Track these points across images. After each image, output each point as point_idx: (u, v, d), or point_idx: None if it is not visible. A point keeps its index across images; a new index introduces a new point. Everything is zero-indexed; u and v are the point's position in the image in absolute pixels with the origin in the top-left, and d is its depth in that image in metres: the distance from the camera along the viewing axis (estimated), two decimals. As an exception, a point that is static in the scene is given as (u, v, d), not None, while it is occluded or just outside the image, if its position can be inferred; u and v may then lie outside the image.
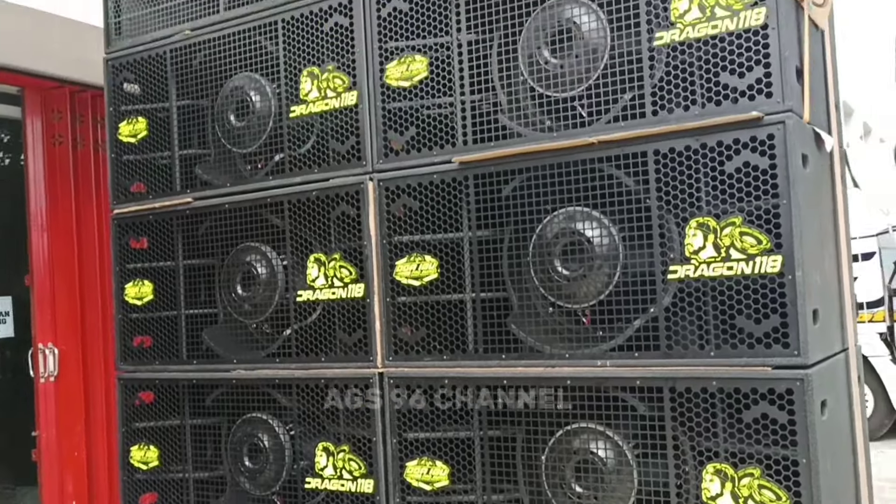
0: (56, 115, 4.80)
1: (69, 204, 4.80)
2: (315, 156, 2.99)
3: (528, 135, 2.56)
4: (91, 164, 4.87)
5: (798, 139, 2.18)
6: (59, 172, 4.79)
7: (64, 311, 4.77)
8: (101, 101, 4.96)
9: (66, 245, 4.81)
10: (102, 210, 4.82)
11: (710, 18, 2.25)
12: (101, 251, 4.82)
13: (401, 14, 2.78)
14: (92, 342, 4.84)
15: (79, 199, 4.84)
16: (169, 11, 3.32)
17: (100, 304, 4.84)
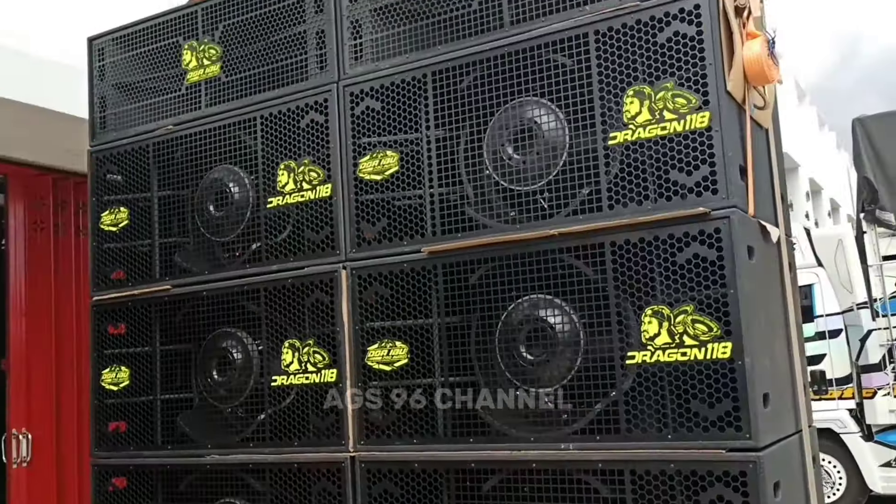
0: (38, 202, 4.91)
1: (48, 290, 4.87)
2: (291, 245, 3.11)
3: (494, 226, 2.70)
4: (72, 250, 4.96)
5: (743, 232, 2.33)
6: (39, 258, 4.87)
7: (39, 396, 4.78)
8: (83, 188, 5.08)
9: (43, 330, 4.85)
10: (81, 296, 4.89)
11: (660, 120, 2.43)
12: (78, 337, 4.86)
13: (373, 112, 2.95)
14: (66, 428, 4.84)
15: (58, 284, 4.91)
16: (152, 107, 3.47)
17: (75, 389, 4.86)
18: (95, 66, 3.63)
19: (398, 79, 2.89)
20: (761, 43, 2.45)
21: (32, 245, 4.87)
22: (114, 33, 3.59)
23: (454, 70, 2.80)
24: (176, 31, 3.42)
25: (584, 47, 2.58)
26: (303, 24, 3.13)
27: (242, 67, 3.26)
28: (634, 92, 2.47)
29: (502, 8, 2.73)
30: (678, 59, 2.43)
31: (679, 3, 2.43)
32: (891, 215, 7.71)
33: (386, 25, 2.98)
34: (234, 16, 3.28)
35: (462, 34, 2.80)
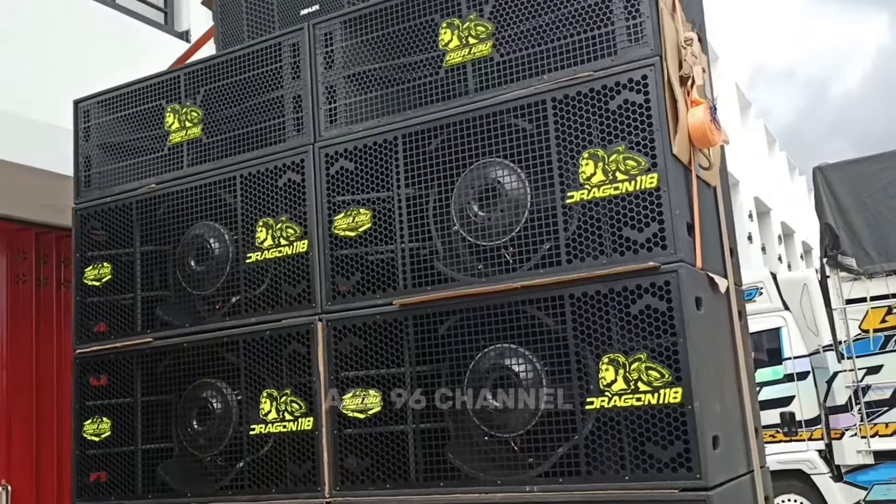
0: (20, 256, 5.02)
1: (30, 341, 4.95)
2: (269, 298, 3.25)
3: (461, 279, 2.86)
4: (53, 302, 5.06)
5: (691, 284, 2.51)
6: (21, 311, 4.96)
7: (19, 448, 4.84)
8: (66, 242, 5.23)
9: (24, 382, 4.93)
10: (62, 347, 4.98)
11: (612, 181, 2.61)
12: (58, 388, 4.94)
13: (347, 172, 3.12)
14: (46, 479, 4.89)
15: (39, 336, 5.00)
16: (136, 167, 3.63)
17: (55, 440, 4.92)
18: (81, 128, 3.79)
19: (371, 141, 3.07)
20: (704, 109, 2.66)
21: (14, 298, 4.97)
22: (99, 96, 3.75)
23: (423, 133, 2.98)
24: (159, 94, 3.59)
25: (542, 113, 2.77)
26: (280, 89, 3.31)
27: (223, 129, 3.43)
28: (589, 154, 2.66)
29: (467, 76, 2.93)
30: (628, 124, 2.63)
31: (628, 74, 2.64)
32: (852, 260, 7.96)
33: (359, 91, 3.17)
34: (214, 80, 3.45)
35: (430, 100, 2.99)
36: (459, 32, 2.95)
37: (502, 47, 2.89)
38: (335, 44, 3.21)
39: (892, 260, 7.86)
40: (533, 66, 2.82)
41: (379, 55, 3.16)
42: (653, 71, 2.61)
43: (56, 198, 4.89)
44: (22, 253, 5.05)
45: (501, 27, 2.90)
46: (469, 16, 2.94)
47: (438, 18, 3.00)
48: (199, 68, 3.49)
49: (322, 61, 3.22)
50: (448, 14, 2.99)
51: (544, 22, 2.84)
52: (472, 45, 2.92)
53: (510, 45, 2.89)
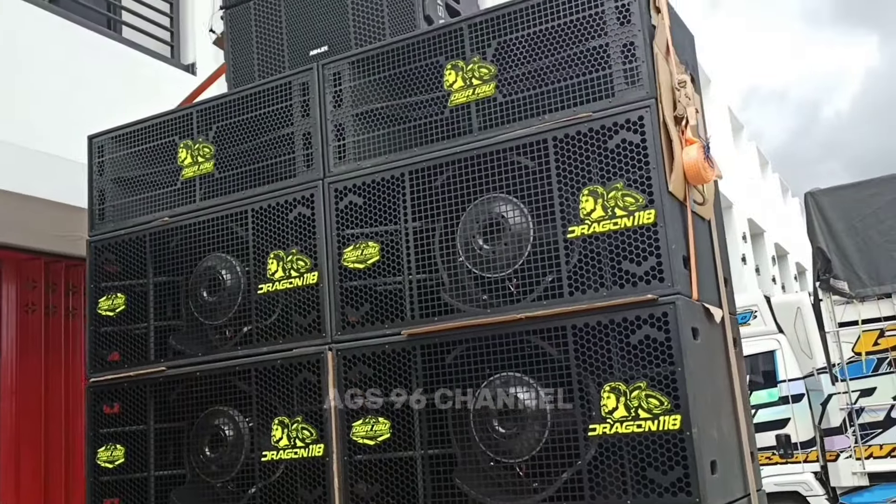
0: (30, 284, 5.12)
1: (39, 369, 5.04)
2: (279, 328, 3.36)
3: (467, 310, 2.97)
4: (62, 330, 5.16)
5: (688, 315, 2.63)
6: (30, 339, 5.06)
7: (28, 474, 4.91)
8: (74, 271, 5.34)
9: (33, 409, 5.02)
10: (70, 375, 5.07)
11: (612, 217, 2.74)
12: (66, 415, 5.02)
13: (356, 206, 3.24)
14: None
15: (48, 364, 5.09)
16: (149, 200, 3.74)
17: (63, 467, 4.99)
18: (95, 162, 3.91)
19: (378, 177, 3.20)
20: (698, 148, 2.79)
21: (24, 326, 5.07)
22: (113, 132, 3.88)
23: (429, 169, 3.11)
24: (172, 130, 3.72)
25: (544, 151, 2.91)
26: (290, 126, 3.44)
27: (234, 164, 3.55)
28: (589, 191, 2.79)
29: (471, 115, 3.06)
30: (626, 162, 2.76)
31: (625, 115, 2.77)
32: (844, 283, 8.10)
33: (367, 129, 3.30)
34: (226, 118, 3.58)
35: (436, 138, 3.12)
36: (463, 74, 3.09)
37: (505, 88, 3.03)
38: (344, 83, 3.35)
39: (883, 284, 8.01)
40: (534, 106, 2.95)
41: (386, 94, 3.29)
42: (649, 112, 2.74)
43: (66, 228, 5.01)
44: (31, 282, 5.15)
45: (504, 69, 3.04)
46: (473, 58, 3.08)
47: (443, 60, 3.14)
48: (212, 106, 3.62)
49: (331, 100, 3.36)
50: (452, 56, 3.12)
51: (545, 65, 2.98)
52: (476, 86, 3.06)
53: (512, 86, 3.03)
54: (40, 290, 5.13)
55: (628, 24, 2.81)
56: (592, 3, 2.88)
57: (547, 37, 2.96)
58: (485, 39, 3.07)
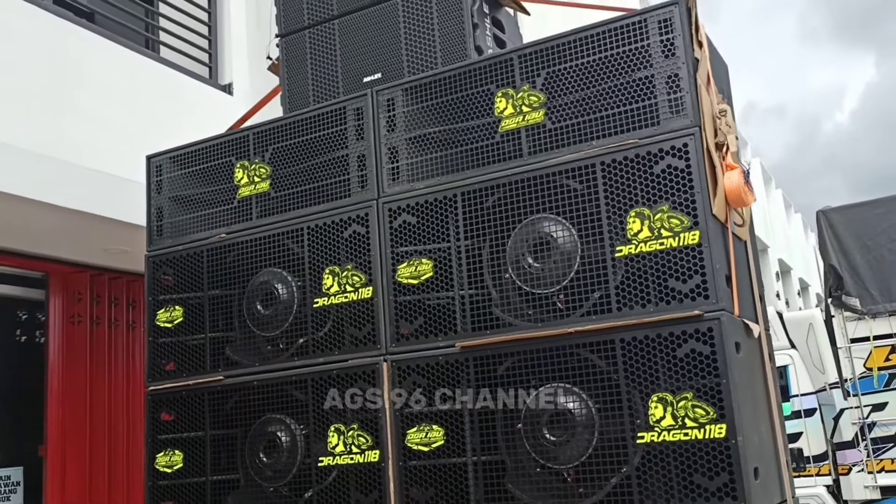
0: (76, 297, 5.30)
1: (84, 379, 5.22)
2: (333, 339, 3.53)
3: (518, 324, 3.15)
4: (105, 340, 5.33)
5: (731, 331, 2.81)
6: (76, 349, 5.23)
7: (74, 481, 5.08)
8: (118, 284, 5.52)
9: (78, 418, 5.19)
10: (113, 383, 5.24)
11: (658, 237, 2.92)
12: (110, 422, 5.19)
13: (409, 225, 3.43)
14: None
15: (93, 374, 5.26)
16: (206, 218, 3.93)
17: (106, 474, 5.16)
18: (153, 181, 4.10)
19: (431, 197, 3.39)
20: (738, 173, 2.98)
21: (69, 337, 5.25)
22: (171, 153, 4.07)
23: (480, 191, 3.30)
24: (229, 151, 3.91)
25: (592, 175, 3.09)
26: (345, 148, 3.63)
27: (290, 184, 3.74)
28: (636, 213, 2.97)
29: (521, 140, 3.25)
30: (671, 186, 2.94)
31: (670, 142, 2.96)
32: (856, 300, 8.28)
33: (420, 152, 3.49)
34: (283, 140, 3.77)
35: (487, 161, 3.31)
36: (514, 101, 3.28)
37: (554, 115, 3.22)
38: (397, 109, 3.54)
39: (894, 301, 8.18)
40: (582, 132, 3.14)
41: (438, 119, 3.48)
42: (693, 140, 2.93)
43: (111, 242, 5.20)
44: (77, 294, 5.33)
45: (553, 97, 3.23)
46: (523, 87, 3.27)
47: (494, 88, 3.33)
48: (268, 129, 3.81)
49: (385, 124, 3.55)
50: (503, 85, 3.32)
51: (592, 93, 3.17)
52: (526, 113, 3.25)
53: (561, 114, 3.21)
54: (85, 302, 5.31)
55: (673, 57, 3.01)
56: (638, 36, 3.08)
57: (594, 67, 3.15)
58: (534, 69, 3.26)
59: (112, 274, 5.48)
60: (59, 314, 5.23)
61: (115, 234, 5.06)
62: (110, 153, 5.24)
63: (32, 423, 5.20)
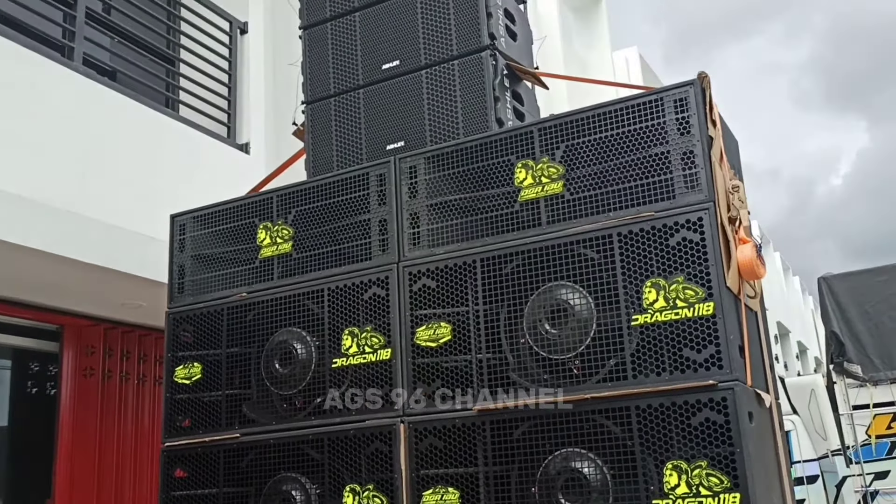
0: (89, 350, 5.36)
1: (94, 432, 5.24)
2: (352, 399, 3.59)
3: (534, 389, 3.22)
4: (116, 394, 5.37)
5: (745, 400, 2.88)
6: (87, 403, 5.27)
7: (81, 534, 5.07)
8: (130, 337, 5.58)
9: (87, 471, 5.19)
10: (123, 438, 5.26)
11: (673, 307, 3.02)
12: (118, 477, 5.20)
13: (429, 289, 3.52)
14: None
15: (103, 428, 5.29)
16: (228, 276, 4.02)
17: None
18: (176, 239, 4.20)
19: (451, 262, 3.48)
20: (751, 247, 3.09)
21: (81, 390, 5.29)
22: (195, 212, 4.18)
23: (499, 258, 3.40)
24: (253, 212, 4.02)
25: (609, 245, 3.20)
26: (367, 213, 3.74)
27: (312, 246, 3.84)
28: (652, 283, 3.07)
29: (540, 210, 3.37)
30: (687, 258, 3.05)
31: (685, 216, 3.07)
32: (858, 367, 8.34)
33: (441, 218, 3.60)
34: (306, 203, 3.89)
35: (506, 229, 3.42)
36: (533, 172, 3.40)
37: (572, 186, 3.34)
38: (419, 176, 3.66)
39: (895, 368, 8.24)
40: (600, 204, 3.26)
41: (459, 187, 3.60)
42: (707, 214, 3.04)
43: (128, 297, 5.28)
44: (90, 347, 5.39)
45: (571, 169, 3.35)
46: (542, 158, 3.40)
47: (514, 159, 3.46)
48: (292, 191, 3.93)
49: (406, 191, 3.66)
50: (523, 156, 3.44)
51: (610, 167, 3.30)
52: (545, 184, 3.37)
53: (579, 185, 3.33)
54: (98, 355, 5.36)
55: (688, 135, 3.14)
56: (655, 114, 3.21)
57: (612, 142, 3.28)
58: (554, 142, 3.40)
59: (125, 328, 5.55)
60: (72, 367, 5.28)
61: (134, 289, 5.14)
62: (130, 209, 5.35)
63: (40, 476, 5.21)
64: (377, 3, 4.22)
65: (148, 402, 5.60)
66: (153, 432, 5.49)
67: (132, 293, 5.19)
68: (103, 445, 5.25)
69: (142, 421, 5.54)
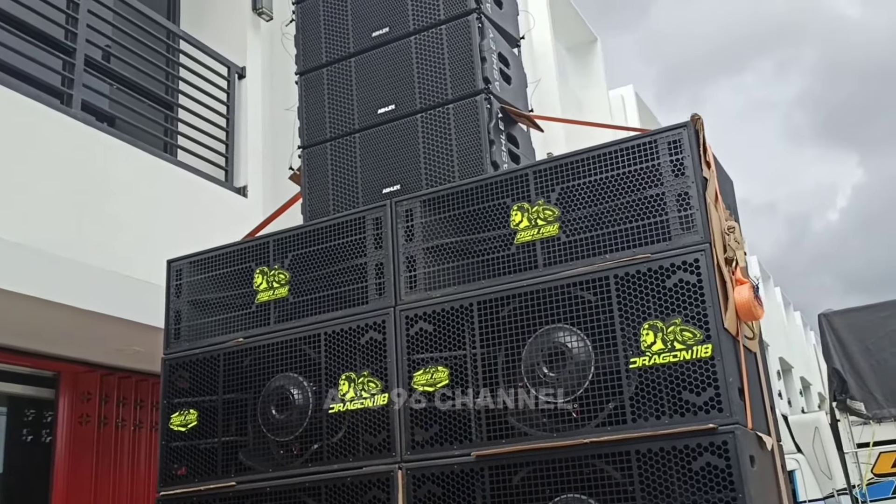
0: (85, 396, 5.31)
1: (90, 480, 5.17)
2: (347, 445, 3.55)
3: (533, 434, 3.19)
4: (112, 441, 5.31)
5: (746, 444, 2.85)
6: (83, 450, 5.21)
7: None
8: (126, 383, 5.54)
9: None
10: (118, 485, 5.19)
11: (671, 350, 3.00)
12: (114, 525, 5.12)
13: (426, 333, 3.50)
14: None
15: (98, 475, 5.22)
16: (224, 322, 4.00)
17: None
18: (173, 285, 4.19)
19: (448, 306, 3.47)
20: (748, 288, 3.08)
21: (77, 438, 5.23)
22: (192, 257, 4.17)
23: (496, 301, 3.38)
24: (249, 257, 4.01)
25: (605, 287, 3.18)
26: (364, 257, 3.73)
27: (309, 290, 3.83)
28: (649, 325, 3.05)
29: (536, 252, 3.36)
30: (684, 300, 3.03)
31: (682, 257, 3.07)
32: (861, 404, 8.28)
33: (437, 261, 3.59)
34: (302, 247, 3.88)
35: (503, 272, 3.41)
36: (529, 215, 3.40)
37: (568, 229, 3.34)
38: (415, 219, 3.66)
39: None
40: (596, 246, 3.25)
41: (455, 230, 3.60)
42: (704, 255, 3.04)
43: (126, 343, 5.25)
44: (87, 393, 5.34)
45: (567, 211, 3.35)
46: (538, 201, 3.40)
47: (510, 202, 3.46)
48: (289, 236, 3.93)
49: (403, 234, 3.66)
50: (519, 199, 3.45)
51: (605, 209, 3.30)
52: (541, 226, 3.37)
53: (575, 227, 3.33)
54: (94, 401, 5.32)
55: (683, 176, 3.15)
56: (649, 156, 3.23)
57: (607, 184, 3.29)
58: (549, 184, 3.40)
59: (122, 373, 5.51)
60: (68, 414, 5.23)
61: (130, 334, 5.12)
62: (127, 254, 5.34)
63: (35, 525, 5.14)
64: (372, 49, 4.26)
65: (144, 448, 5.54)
66: (149, 480, 5.42)
67: (129, 339, 5.16)
68: (98, 493, 5.18)
69: (138, 468, 5.47)
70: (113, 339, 5.20)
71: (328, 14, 4.47)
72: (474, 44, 4.00)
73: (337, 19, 4.42)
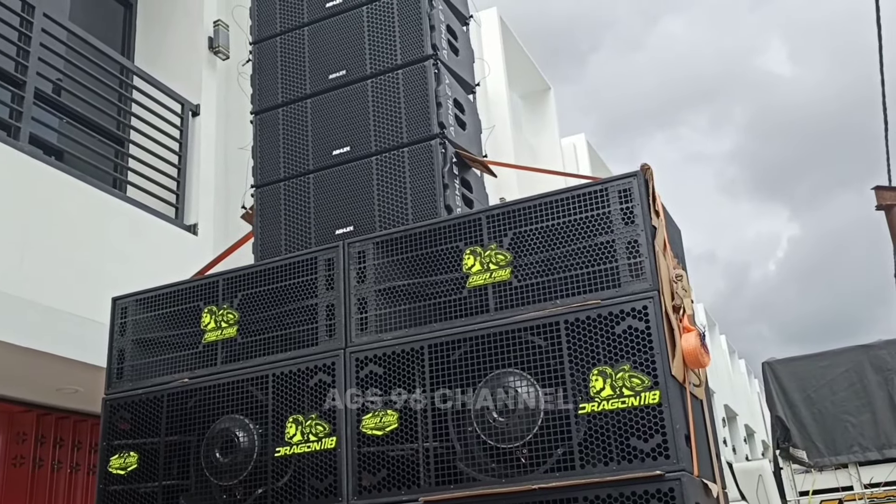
0: (20, 437, 5.13)
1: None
2: (293, 491, 3.48)
3: (482, 479, 3.16)
4: (47, 484, 5.12)
5: (692, 491, 2.87)
6: (16, 494, 5.01)
7: None
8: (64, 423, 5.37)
9: (12, 567, 4.90)
10: (52, 530, 5.00)
11: (619, 396, 3.02)
12: (45, 572, 4.92)
13: (376, 376, 3.47)
14: None
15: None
16: (169, 361, 3.92)
17: None
18: (117, 323, 4.09)
19: (399, 349, 3.45)
20: (695, 336, 3.13)
21: (10, 480, 5.04)
22: (138, 295, 4.09)
23: (447, 344, 3.38)
24: (197, 296, 3.95)
25: (556, 332, 3.20)
26: (315, 297, 3.70)
27: (257, 331, 3.78)
28: (598, 371, 3.07)
29: (488, 297, 3.38)
30: (632, 347, 3.07)
31: (630, 304, 3.11)
32: (803, 452, 8.41)
33: (389, 304, 3.58)
34: (252, 287, 3.84)
35: (454, 315, 3.41)
36: (481, 259, 3.42)
37: (520, 273, 3.36)
38: (367, 261, 3.65)
39: (839, 454, 8.33)
40: (547, 291, 3.28)
41: (408, 273, 3.60)
42: (652, 303, 3.08)
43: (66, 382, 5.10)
44: (22, 434, 5.16)
45: (519, 256, 3.38)
46: (490, 245, 3.43)
47: (463, 246, 3.48)
48: (239, 275, 3.88)
49: (355, 275, 3.65)
50: (471, 243, 3.47)
51: (557, 254, 3.34)
52: (493, 271, 3.39)
53: (527, 272, 3.36)
54: (30, 442, 5.13)
55: (632, 224, 3.20)
56: (600, 204, 3.28)
57: (559, 230, 3.33)
58: (502, 229, 3.43)
59: (60, 413, 5.34)
60: (1, 455, 5.04)
61: (71, 373, 4.98)
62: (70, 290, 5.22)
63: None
64: (329, 91, 4.28)
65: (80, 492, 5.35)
66: (84, 525, 5.24)
67: (69, 378, 5.02)
68: (31, 539, 4.98)
69: (73, 512, 5.28)
70: (52, 378, 5.05)
71: (285, 55, 4.49)
72: (430, 89, 4.05)
73: (294, 60, 4.44)
